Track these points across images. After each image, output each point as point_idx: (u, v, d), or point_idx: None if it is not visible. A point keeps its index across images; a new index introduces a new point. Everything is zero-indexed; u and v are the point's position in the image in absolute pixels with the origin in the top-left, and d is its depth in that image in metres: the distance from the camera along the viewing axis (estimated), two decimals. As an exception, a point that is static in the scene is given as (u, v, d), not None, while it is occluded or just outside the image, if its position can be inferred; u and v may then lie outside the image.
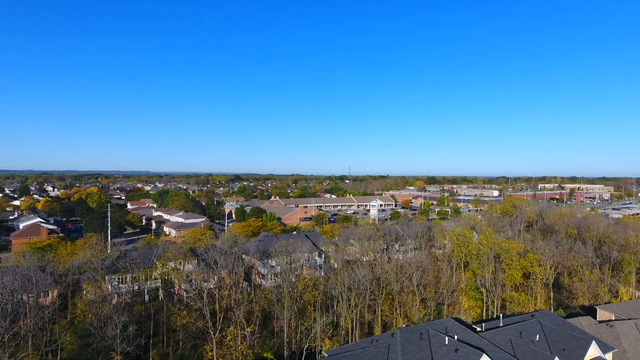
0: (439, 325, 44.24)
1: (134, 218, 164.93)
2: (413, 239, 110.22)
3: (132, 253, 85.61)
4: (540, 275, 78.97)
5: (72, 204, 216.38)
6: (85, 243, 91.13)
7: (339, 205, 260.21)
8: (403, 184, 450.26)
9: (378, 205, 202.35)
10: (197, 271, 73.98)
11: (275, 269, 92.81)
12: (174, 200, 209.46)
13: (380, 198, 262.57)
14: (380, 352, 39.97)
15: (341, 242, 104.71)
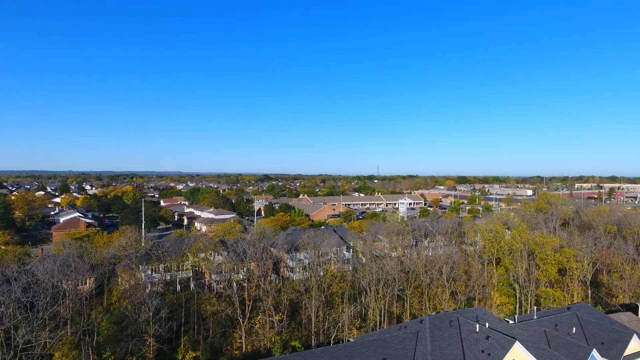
0: (470, 313, 43.31)
1: (166, 214, 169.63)
2: (443, 235, 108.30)
3: (164, 244, 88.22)
4: (577, 271, 75.93)
5: (109, 201, 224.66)
6: (121, 235, 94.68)
7: (367, 203, 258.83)
8: (433, 183, 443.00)
9: (407, 203, 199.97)
10: (227, 261, 75.22)
11: (303, 262, 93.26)
12: (205, 198, 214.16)
13: (409, 196, 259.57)
14: (408, 338, 39.51)
15: (369, 237, 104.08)
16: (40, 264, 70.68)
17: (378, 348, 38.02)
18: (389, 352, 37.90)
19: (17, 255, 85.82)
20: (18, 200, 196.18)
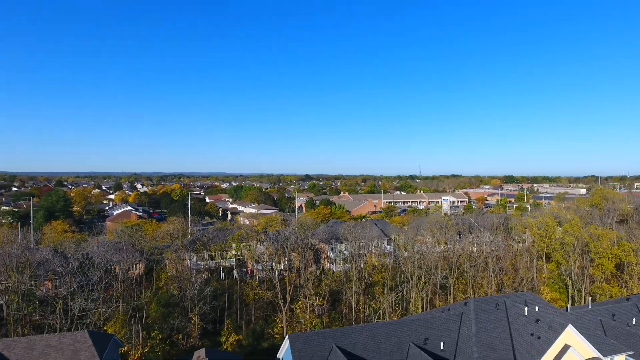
0: (517, 297, 41.52)
1: (211, 208, 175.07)
2: (488, 230, 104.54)
3: (210, 232, 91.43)
4: (638, 266, 70.86)
5: (158, 197, 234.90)
6: (169, 223, 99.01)
7: (409, 201, 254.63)
8: (477, 182, 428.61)
9: (450, 201, 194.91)
10: (268, 246, 76.59)
11: (344, 254, 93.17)
12: (248, 194, 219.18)
13: (452, 195, 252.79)
14: (452, 320, 38.46)
15: (411, 231, 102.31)
16: (95, 249, 75.05)
17: (420, 327, 37.29)
18: (431, 332, 37.07)
19: (75, 240, 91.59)
20: (77, 195, 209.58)
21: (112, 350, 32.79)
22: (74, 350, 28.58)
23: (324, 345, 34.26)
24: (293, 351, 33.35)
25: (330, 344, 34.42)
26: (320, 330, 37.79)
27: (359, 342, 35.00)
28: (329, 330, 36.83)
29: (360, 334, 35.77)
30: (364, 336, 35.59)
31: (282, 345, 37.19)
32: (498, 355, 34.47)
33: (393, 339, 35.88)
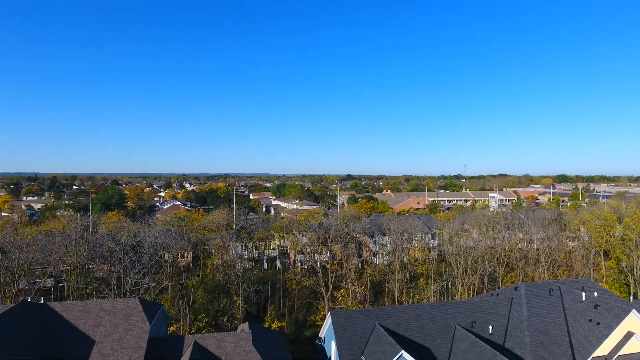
0: (573, 283, 39.01)
1: (255, 204, 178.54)
2: (539, 226, 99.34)
3: (254, 222, 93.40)
4: None
5: (205, 194, 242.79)
6: (215, 214, 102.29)
7: (453, 199, 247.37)
8: (527, 182, 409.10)
9: (498, 199, 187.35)
10: (311, 235, 76.94)
11: (386, 247, 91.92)
12: (291, 192, 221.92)
13: (500, 193, 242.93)
14: (501, 304, 36.73)
15: (457, 225, 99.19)
16: (146, 232, 78.58)
17: (467, 311, 35.92)
18: (479, 315, 35.60)
19: (128, 230, 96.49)
20: (130, 192, 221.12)
21: (160, 319, 34.02)
22: (125, 315, 29.91)
23: (367, 323, 33.79)
24: (335, 328, 33.14)
25: (373, 322, 33.90)
26: (363, 309, 37.34)
27: (402, 322, 34.23)
28: (372, 309, 36.30)
29: (404, 314, 34.97)
30: (408, 316, 34.76)
31: (324, 323, 37.09)
32: (552, 341, 32.54)
33: (438, 320, 34.79)
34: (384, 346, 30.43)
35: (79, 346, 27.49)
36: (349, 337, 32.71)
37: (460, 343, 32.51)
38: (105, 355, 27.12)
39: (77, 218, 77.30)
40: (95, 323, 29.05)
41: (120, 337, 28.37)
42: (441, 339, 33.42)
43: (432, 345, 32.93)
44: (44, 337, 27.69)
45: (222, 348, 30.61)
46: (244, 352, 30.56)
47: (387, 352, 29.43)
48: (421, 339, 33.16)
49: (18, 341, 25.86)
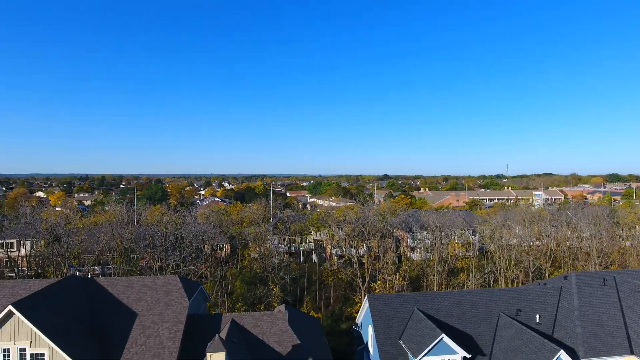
0: (630, 274, 36.30)
1: (291, 201, 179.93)
2: (590, 223, 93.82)
3: (291, 215, 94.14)
4: None
5: (243, 191, 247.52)
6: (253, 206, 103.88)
7: (495, 198, 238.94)
8: (574, 181, 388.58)
9: (543, 197, 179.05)
10: (348, 226, 76.42)
11: (424, 242, 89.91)
12: (327, 190, 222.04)
13: (545, 192, 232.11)
14: (549, 293, 34.72)
15: (499, 219, 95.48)
16: (187, 225, 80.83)
17: (511, 299, 34.20)
18: (525, 304, 33.81)
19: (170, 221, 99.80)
20: (172, 189, 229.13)
21: (199, 298, 34.63)
22: (166, 291, 30.62)
23: (405, 308, 32.88)
24: (373, 312, 32.46)
25: (411, 307, 32.95)
26: (401, 293, 36.43)
27: (442, 308, 33.05)
28: (410, 294, 35.32)
29: (444, 300, 33.77)
30: (448, 302, 33.54)
31: (361, 308, 36.46)
32: (606, 332, 30.37)
33: (480, 307, 33.33)
34: (424, 330, 29.46)
35: (123, 318, 28.36)
36: (387, 321, 31.94)
37: (505, 331, 30.98)
38: (147, 328, 27.82)
39: (123, 208, 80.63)
40: (137, 297, 29.91)
41: (161, 311, 29.04)
42: (484, 327, 31.99)
43: (474, 333, 31.58)
44: (90, 308, 28.78)
45: (258, 327, 30.71)
46: (280, 332, 30.51)
47: (427, 336, 28.47)
48: (462, 325, 31.87)
49: (67, 310, 26.99)
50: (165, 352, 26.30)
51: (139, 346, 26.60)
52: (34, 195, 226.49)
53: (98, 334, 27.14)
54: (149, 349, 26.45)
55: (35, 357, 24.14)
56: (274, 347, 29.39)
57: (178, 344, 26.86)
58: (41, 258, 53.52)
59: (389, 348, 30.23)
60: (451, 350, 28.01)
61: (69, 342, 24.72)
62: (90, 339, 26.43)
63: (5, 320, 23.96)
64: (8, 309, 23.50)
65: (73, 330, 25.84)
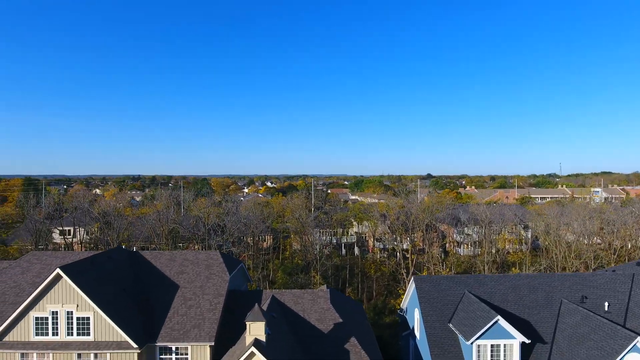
0: None
1: (332, 197, 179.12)
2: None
3: (332, 208, 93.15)
4: None
5: (284, 188, 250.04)
6: (295, 198, 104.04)
7: (547, 196, 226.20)
8: (638, 180, 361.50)
9: (602, 195, 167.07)
10: (392, 215, 74.44)
11: (472, 237, 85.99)
12: (368, 187, 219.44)
13: (605, 190, 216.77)
14: (619, 280, 31.31)
15: (555, 211, 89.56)
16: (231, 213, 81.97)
17: (574, 285, 31.14)
18: (591, 291, 30.66)
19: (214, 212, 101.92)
20: (216, 185, 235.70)
21: (239, 275, 34.22)
22: (207, 265, 30.38)
23: (455, 290, 30.76)
24: (419, 293, 30.60)
25: (461, 289, 30.78)
26: (450, 275, 34.25)
27: (496, 292, 30.63)
28: (460, 276, 33.13)
29: (499, 284, 31.30)
30: (502, 286, 31.05)
31: (407, 291, 34.63)
32: (690, 322, 26.81)
33: (539, 292, 30.59)
34: (476, 312, 27.30)
35: (165, 290, 28.34)
36: (435, 303, 29.98)
37: (569, 318, 28.14)
38: (188, 300, 27.60)
39: (171, 196, 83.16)
40: (179, 270, 29.85)
41: (202, 284, 28.77)
42: (544, 313, 29.27)
43: (533, 319, 28.95)
44: (134, 278, 29.01)
45: (299, 304, 29.76)
46: (321, 310, 29.40)
47: (480, 319, 26.31)
48: (519, 311, 29.32)
49: (112, 278, 27.29)
50: (205, 322, 25.92)
51: (180, 316, 26.40)
52: (91, 191, 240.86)
53: (141, 302, 27.23)
54: (189, 319, 26.17)
55: (82, 320, 24.44)
56: (315, 325, 28.31)
57: (218, 316, 26.41)
58: (94, 242, 55.75)
59: (438, 331, 28.29)
60: (508, 335, 25.70)
61: (113, 307, 24.87)
62: (133, 306, 26.54)
63: (53, 283, 24.43)
64: (56, 271, 23.93)
65: (117, 297, 26.02)
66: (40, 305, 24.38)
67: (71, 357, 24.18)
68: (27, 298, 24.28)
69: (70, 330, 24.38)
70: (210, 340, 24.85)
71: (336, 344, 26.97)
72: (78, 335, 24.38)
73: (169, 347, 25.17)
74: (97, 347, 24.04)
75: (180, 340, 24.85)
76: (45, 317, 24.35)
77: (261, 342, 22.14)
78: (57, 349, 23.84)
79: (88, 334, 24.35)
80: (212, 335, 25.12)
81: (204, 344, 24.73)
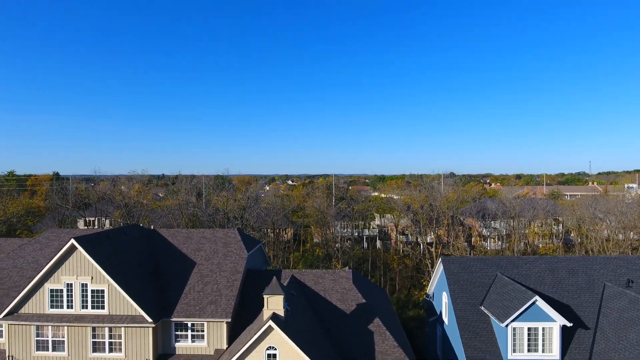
0: None
1: (353, 193, 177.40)
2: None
3: (355, 201, 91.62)
4: None
5: (305, 185, 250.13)
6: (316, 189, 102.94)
7: (578, 193, 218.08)
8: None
9: (638, 190, 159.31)
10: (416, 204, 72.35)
11: (499, 230, 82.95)
12: (390, 183, 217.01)
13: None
14: (667, 264, 28.72)
15: (587, 208, 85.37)
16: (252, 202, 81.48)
17: (619, 268, 28.73)
18: (637, 274, 28.20)
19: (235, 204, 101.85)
20: (239, 183, 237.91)
21: (258, 255, 33.10)
22: (224, 242, 29.37)
23: (486, 272, 28.81)
24: (448, 275, 28.76)
25: (493, 271, 28.80)
26: (479, 257, 32.26)
27: (531, 274, 28.53)
28: (491, 257, 31.09)
29: (533, 266, 29.18)
30: (538, 269, 28.92)
31: (433, 275, 32.77)
32: None
33: (580, 275, 28.33)
34: (511, 294, 25.32)
35: (181, 266, 27.45)
36: (465, 285, 28.11)
37: (613, 302, 25.84)
38: (204, 276, 26.61)
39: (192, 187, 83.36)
40: (196, 248, 28.93)
41: (219, 261, 27.75)
42: (585, 297, 27.02)
43: (573, 303, 26.74)
44: (150, 254, 28.23)
45: (320, 284, 28.39)
46: (343, 290, 27.94)
47: (516, 300, 24.34)
48: (557, 294, 27.16)
49: (128, 252, 26.55)
50: (222, 299, 24.83)
51: (196, 292, 25.41)
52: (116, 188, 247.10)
53: (157, 278, 26.39)
54: (206, 295, 25.15)
55: (96, 293, 23.71)
56: (337, 305, 26.88)
57: (235, 293, 25.29)
58: (115, 229, 56.04)
59: (468, 314, 26.43)
60: (546, 317, 23.65)
61: (128, 281, 24.06)
62: (149, 281, 25.71)
63: (68, 254, 23.79)
64: (71, 242, 23.27)
65: (133, 271, 25.24)
66: (55, 277, 23.77)
67: (86, 330, 23.49)
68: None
69: (85, 303, 23.68)
70: (227, 316, 23.74)
71: (359, 324, 25.49)
72: (93, 308, 23.66)
73: (185, 323, 24.20)
74: (111, 320, 23.26)
75: (196, 316, 23.84)
76: (60, 289, 23.73)
77: (279, 317, 20.87)
78: (71, 322, 23.18)
79: (103, 307, 23.60)
80: (228, 311, 24.01)
81: (221, 320, 23.64)
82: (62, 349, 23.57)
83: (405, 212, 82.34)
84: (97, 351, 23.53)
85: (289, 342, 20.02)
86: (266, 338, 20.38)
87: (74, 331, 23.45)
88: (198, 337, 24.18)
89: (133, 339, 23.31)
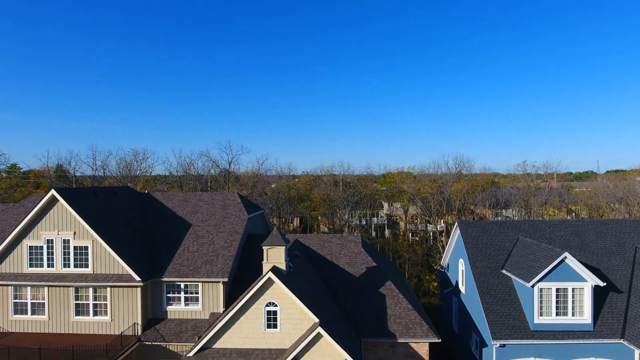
0: None
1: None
2: None
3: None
4: None
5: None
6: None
7: (588, 189, 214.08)
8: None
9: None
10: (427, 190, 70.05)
11: (510, 219, 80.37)
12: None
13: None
14: None
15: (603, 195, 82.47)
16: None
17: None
18: (673, 238, 25.68)
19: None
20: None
21: (259, 221, 30.95)
22: (223, 205, 27.24)
23: (506, 236, 26.41)
24: (465, 239, 26.37)
25: (514, 235, 26.40)
26: (499, 220, 29.83)
27: (556, 238, 26.09)
28: (511, 221, 28.70)
29: (558, 229, 26.75)
30: (563, 232, 26.47)
31: (449, 242, 30.35)
32: None
33: (609, 239, 25.87)
34: (536, 253, 22.91)
35: (175, 228, 25.33)
36: (484, 248, 25.72)
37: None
38: (200, 237, 24.46)
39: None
40: (192, 210, 26.80)
41: (217, 223, 25.59)
42: (615, 260, 24.56)
43: (603, 266, 24.29)
44: (142, 215, 26.14)
45: (326, 248, 26.20)
46: (352, 253, 25.70)
47: (543, 259, 21.94)
48: (585, 257, 24.69)
49: (116, 210, 24.47)
50: (218, 259, 22.65)
51: (190, 253, 23.25)
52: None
53: (148, 238, 24.28)
54: (201, 255, 22.98)
55: (79, 250, 21.64)
56: (345, 268, 24.63)
57: (233, 253, 23.10)
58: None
59: (489, 278, 24.03)
60: (577, 276, 21.23)
61: (115, 237, 21.97)
62: (138, 241, 23.60)
63: (49, 207, 21.76)
64: (51, 193, 21.24)
65: (120, 228, 23.14)
66: (34, 233, 21.75)
67: (68, 291, 21.42)
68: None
69: (67, 261, 21.61)
70: (223, 276, 21.54)
71: (369, 288, 23.21)
72: (75, 267, 21.58)
73: (177, 284, 22.05)
74: (95, 279, 21.16)
75: (189, 275, 21.68)
76: (40, 246, 21.69)
77: (280, 270, 18.66)
78: (52, 281, 21.11)
79: (86, 265, 21.52)
80: (225, 271, 21.82)
81: (217, 279, 21.45)
82: (42, 312, 21.53)
83: (414, 199, 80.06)
84: (81, 314, 21.46)
85: (291, 296, 17.80)
86: (265, 293, 18.16)
87: (55, 292, 21.39)
88: (192, 300, 22.03)
89: (120, 301, 21.23)
